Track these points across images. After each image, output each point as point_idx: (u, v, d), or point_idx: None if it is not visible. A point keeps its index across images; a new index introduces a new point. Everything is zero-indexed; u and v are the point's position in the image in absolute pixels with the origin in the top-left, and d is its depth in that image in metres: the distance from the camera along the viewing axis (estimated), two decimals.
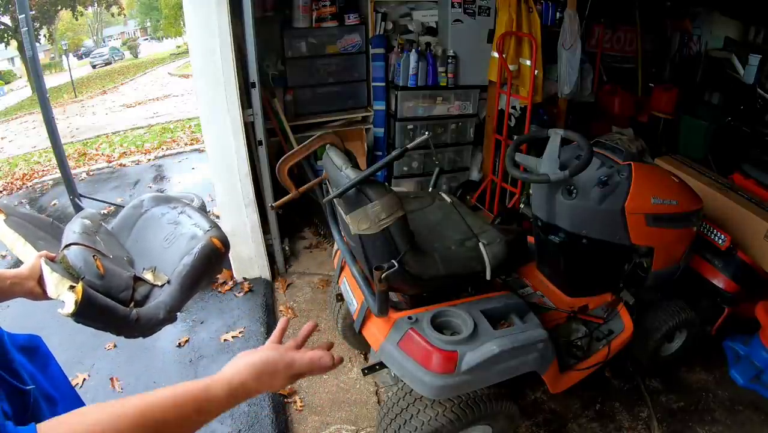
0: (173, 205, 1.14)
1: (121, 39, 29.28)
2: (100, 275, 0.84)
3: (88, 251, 0.89)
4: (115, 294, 0.85)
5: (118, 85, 14.47)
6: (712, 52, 3.83)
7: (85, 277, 0.83)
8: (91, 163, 5.69)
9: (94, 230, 1.04)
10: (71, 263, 0.85)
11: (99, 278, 0.84)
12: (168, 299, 0.90)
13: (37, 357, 0.83)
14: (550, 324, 1.76)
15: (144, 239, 1.10)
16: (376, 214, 1.30)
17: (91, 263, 0.86)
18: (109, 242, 1.05)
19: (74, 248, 0.88)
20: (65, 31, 22.02)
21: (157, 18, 24.83)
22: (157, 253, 1.04)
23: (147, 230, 1.11)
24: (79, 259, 0.86)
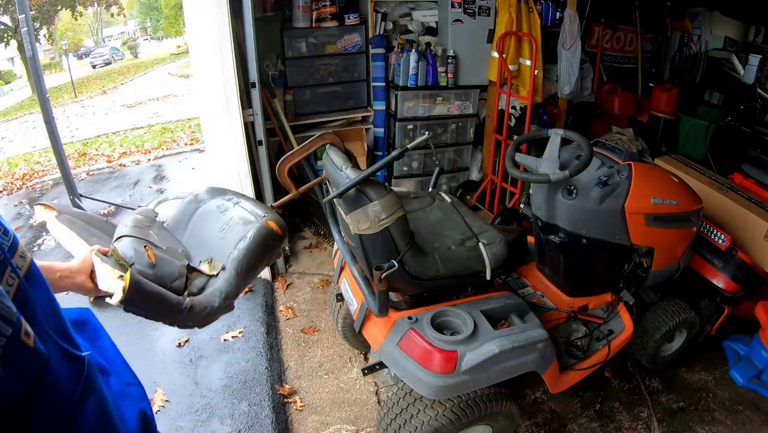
0: (228, 197, 1.12)
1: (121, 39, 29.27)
2: (151, 263, 0.83)
3: (139, 242, 0.88)
4: (167, 283, 0.84)
5: (118, 85, 14.46)
6: (712, 52, 3.83)
7: (135, 267, 0.82)
8: (91, 163, 5.68)
9: (147, 224, 1.04)
10: (121, 253, 0.84)
11: (150, 267, 0.83)
12: (224, 285, 0.87)
13: (87, 330, 0.85)
14: (550, 324, 1.76)
15: (200, 232, 1.08)
16: (376, 214, 1.30)
17: (141, 252, 0.85)
18: (163, 236, 1.04)
19: (125, 240, 0.88)
20: (65, 31, 22.01)
21: (157, 18, 24.84)
22: (214, 244, 1.01)
23: (203, 223, 1.09)
24: (129, 249, 0.85)
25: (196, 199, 1.14)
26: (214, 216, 1.08)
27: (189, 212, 1.12)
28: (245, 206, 1.07)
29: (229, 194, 1.14)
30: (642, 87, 3.78)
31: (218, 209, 1.09)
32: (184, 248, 1.04)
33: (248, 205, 1.07)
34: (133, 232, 0.93)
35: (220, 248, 0.98)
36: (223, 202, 1.10)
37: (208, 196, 1.13)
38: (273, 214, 1.02)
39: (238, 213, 1.05)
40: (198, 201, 1.13)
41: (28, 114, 11.11)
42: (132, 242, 0.88)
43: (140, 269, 0.82)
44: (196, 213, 1.11)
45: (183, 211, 1.13)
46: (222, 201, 1.11)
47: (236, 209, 1.07)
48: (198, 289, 0.90)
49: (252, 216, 1.02)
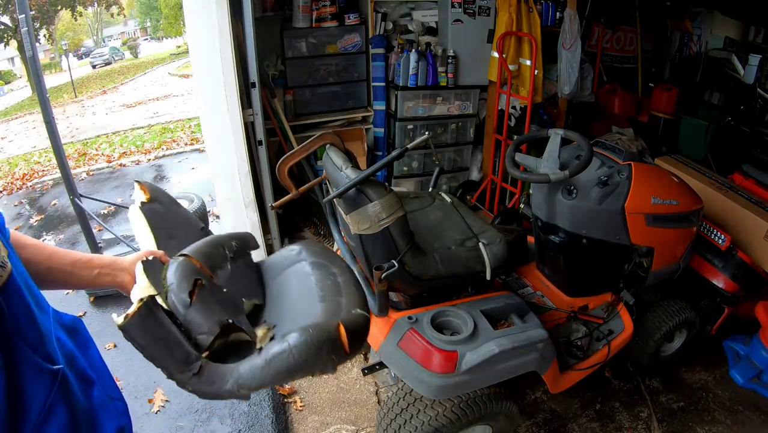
0: (330, 267, 0.90)
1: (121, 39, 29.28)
2: (187, 303, 0.70)
3: (195, 271, 0.74)
4: (193, 331, 0.70)
5: (118, 85, 14.47)
6: (712, 52, 3.83)
7: (170, 297, 0.71)
8: (91, 163, 5.69)
9: (232, 254, 0.88)
10: (167, 274, 0.73)
11: (184, 305, 0.70)
12: (245, 372, 0.68)
13: (78, 338, 0.80)
14: (550, 324, 1.76)
15: (285, 290, 0.90)
16: (376, 214, 1.31)
17: (186, 285, 0.71)
18: (241, 276, 0.88)
19: (183, 261, 0.75)
20: (65, 31, 22.00)
21: (157, 18, 24.83)
22: (289, 312, 0.84)
23: (290, 282, 0.91)
24: (176, 274, 0.73)
25: (299, 252, 0.95)
26: (304, 281, 0.88)
27: (286, 262, 0.95)
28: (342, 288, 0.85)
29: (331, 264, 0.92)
30: (642, 87, 3.78)
31: (312, 276, 0.89)
32: (259, 300, 0.88)
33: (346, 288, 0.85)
34: (202, 255, 0.79)
35: (290, 322, 0.80)
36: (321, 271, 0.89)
37: (310, 257, 0.93)
38: (358, 316, 0.78)
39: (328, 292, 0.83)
40: (299, 255, 0.95)
41: (28, 114, 11.11)
42: (186, 266, 0.74)
43: (172, 301, 0.71)
44: (291, 268, 0.93)
45: (282, 259, 0.97)
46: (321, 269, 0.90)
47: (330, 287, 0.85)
48: (233, 348, 0.74)
49: (336, 306, 0.79)
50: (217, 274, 0.81)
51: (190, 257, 0.77)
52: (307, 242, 0.99)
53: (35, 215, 4.17)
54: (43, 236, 3.72)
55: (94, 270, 0.78)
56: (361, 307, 0.80)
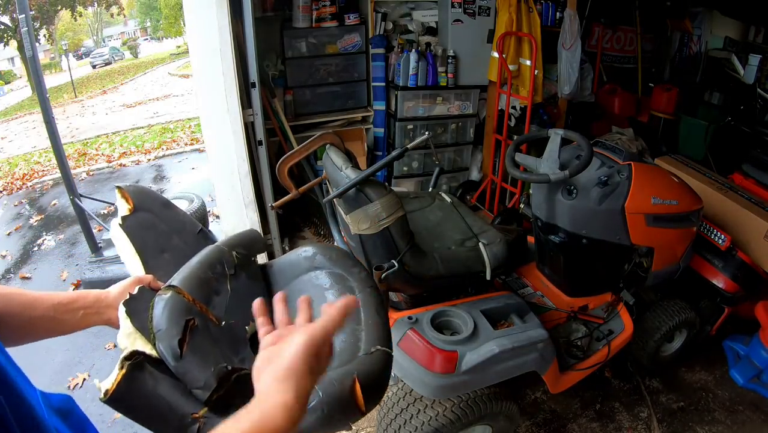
0: (349, 283, 0.79)
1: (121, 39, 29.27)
2: (177, 354, 0.59)
3: (187, 309, 0.63)
4: (189, 384, 0.60)
5: (118, 85, 14.47)
6: (712, 52, 3.83)
7: (158, 346, 0.60)
8: (91, 163, 5.69)
9: (232, 270, 0.75)
10: (154, 318, 0.62)
11: (174, 357, 0.59)
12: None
13: (72, 419, 0.68)
14: (550, 324, 1.76)
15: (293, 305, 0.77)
16: (376, 214, 1.30)
17: (176, 331, 0.60)
18: (244, 293, 0.75)
19: (170, 299, 0.64)
20: (65, 31, 21.99)
21: (157, 18, 24.83)
22: None
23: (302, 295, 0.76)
24: (165, 317, 0.61)
25: (313, 257, 0.84)
26: (319, 297, 0.78)
27: (299, 269, 0.84)
28: (362, 315, 0.73)
29: (352, 278, 0.80)
30: (642, 87, 3.78)
31: (328, 291, 0.79)
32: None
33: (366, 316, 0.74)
34: (195, 283, 0.68)
35: None
36: (339, 287, 0.79)
37: (326, 265, 0.82)
38: (376, 363, 0.67)
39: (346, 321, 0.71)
40: (313, 261, 0.83)
41: (28, 114, 11.11)
42: (176, 306, 0.63)
43: (160, 350, 0.60)
44: (305, 276, 0.82)
45: (294, 263, 0.85)
46: (338, 285, 0.79)
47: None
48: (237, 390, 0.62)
49: (353, 341, 0.69)
50: (214, 302, 0.70)
51: (180, 289, 0.66)
52: (323, 247, 0.87)
53: (35, 215, 4.17)
54: (42, 235, 3.72)
55: (79, 312, 0.70)
56: (382, 341, 0.70)
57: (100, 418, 1.89)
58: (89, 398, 2.07)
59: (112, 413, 1.98)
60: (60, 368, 2.19)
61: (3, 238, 3.80)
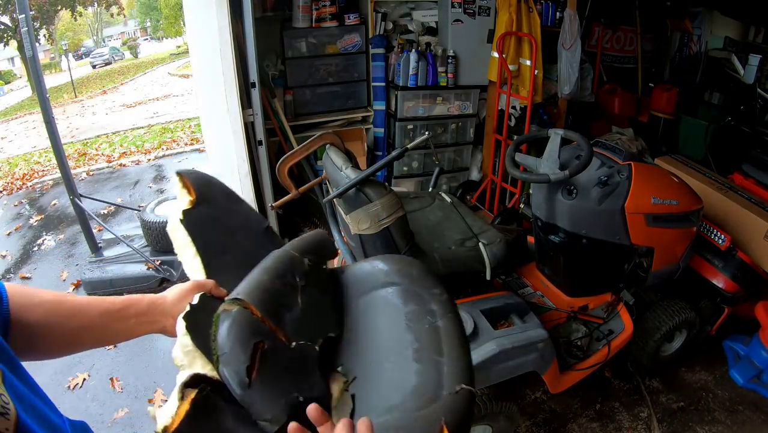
0: (428, 306, 0.70)
1: (121, 39, 29.25)
2: (245, 383, 0.52)
3: (256, 328, 0.55)
4: (253, 415, 0.52)
5: (118, 85, 14.46)
6: (712, 52, 3.83)
7: (222, 371, 0.53)
8: (91, 163, 5.69)
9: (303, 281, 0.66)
10: (219, 337, 0.54)
11: (241, 386, 0.52)
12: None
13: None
14: (550, 324, 1.76)
15: (368, 322, 0.70)
16: (376, 214, 1.30)
17: (244, 356, 0.52)
18: (315, 307, 0.67)
19: (238, 313, 0.55)
20: (65, 31, 21.98)
21: (157, 18, 24.82)
22: (370, 359, 0.64)
23: (377, 315, 0.70)
24: (232, 338, 0.54)
25: (389, 272, 0.74)
26: (394, 320, 0.68)
27: (374, 282, 0.74)
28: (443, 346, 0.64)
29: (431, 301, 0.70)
30: (642, 87, 3.78)
31: (405, 316, 0.68)
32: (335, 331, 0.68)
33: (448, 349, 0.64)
34: (265, 296, 0.60)
35: (369, 382, 0.62)
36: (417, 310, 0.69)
37: (403, 283, 0.72)
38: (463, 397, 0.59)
39: (424, 350, 0.63)
40: (389, 276, 0.74)
41: (28, 114, 11.10)
42: (244, 325, 0.55)
43: (225, 377, 0.53)
44: (380, 291, 0.72)
45: (369, 274, 0.75)
46: (416, 306, 0.69)
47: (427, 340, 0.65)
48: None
49: (435, 380, 0.60)
50: (284, 319, 0.61)
51: (248, 304, 0.57)
52: (402, 259, 0.76)
53: (35, 215, 4.17)
54: (43, 235, 3.72)
55: (130, 320, 0.64)
56: (466, 377, 0.61)
57: (99, 418, 1.89)
58: (89, 398, 2.08)
59: (113, 413, 1.98)
60: (60, 367, 2.19)
61: (3, 238, 3.80)
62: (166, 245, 2.73)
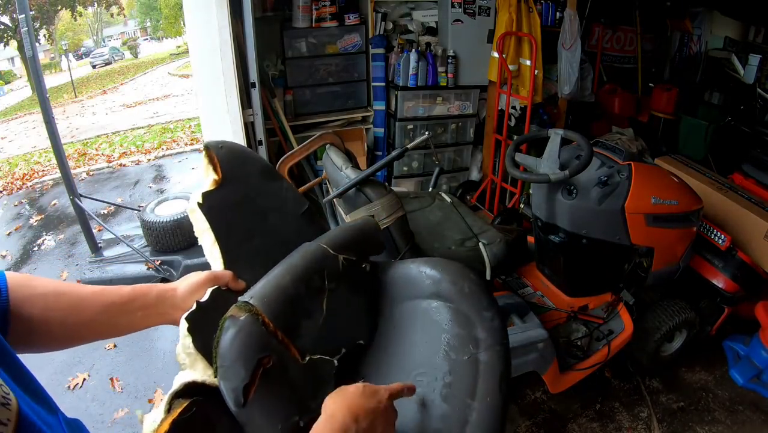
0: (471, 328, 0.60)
1: (121, 39, 29.25)
2: (240, 401, 0.48)
3: (262, 342, 0.50)
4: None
5: (118, 85, 14.46)
6: (712, 52, 3.83)
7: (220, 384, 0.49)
8: (91, 163, 5.69)
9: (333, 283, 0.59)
10: (222, 345, 0.50)
11: (237, 404, 0.49)
12: None
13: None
14: (550, 324, 1.76)
15: (405, 335, 0.63)
16: (377, 215, 1.30)
17: (244, 372, 0.48)
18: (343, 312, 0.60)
19: (246, 321, 0.50)
20: (65, 31, 21.98)
21: (157, 18, 24.82)
22: (400, 379, 0.57)
23: (416, 329, 0.63)
24: (234, 350, 0.49)
25: (438, 282, 0.64)
26: (434, 335, 0.61)
27: (418, 290, 0.65)
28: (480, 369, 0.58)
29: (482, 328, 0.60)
30: (642, 87, 3.78)
31: (446, 331, 0.61)
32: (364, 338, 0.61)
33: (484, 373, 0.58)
34: (281, 302, 0.54)
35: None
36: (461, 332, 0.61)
37: (453, 296, 0.62)
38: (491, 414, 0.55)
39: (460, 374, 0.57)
40: (437, 287, 0.64)
41: (28, 114, 11.10)
42: (250, 336, 0.50)
43: (223, 390, 0.50)
44: (423, 303, 0.64)
45: (414, 280, 0.65)
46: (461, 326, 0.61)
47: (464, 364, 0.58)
48: None
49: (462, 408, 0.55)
50: (301, 329, 0.55)
51: (259, 311, 0.51)
52: (454, 270, 0.65)
53: (35, 215, 4.17)
54: (43, 235, 3.72)
55: (137, 313, 0.61)
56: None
57: (99, 418, 1.89)
58: (89, 398, 2.08)
59: (112, 413, 1.98)
60: (60, 367, 2.19)
61: (3, 238, 3.80)
62: (166, 245, 2.74)
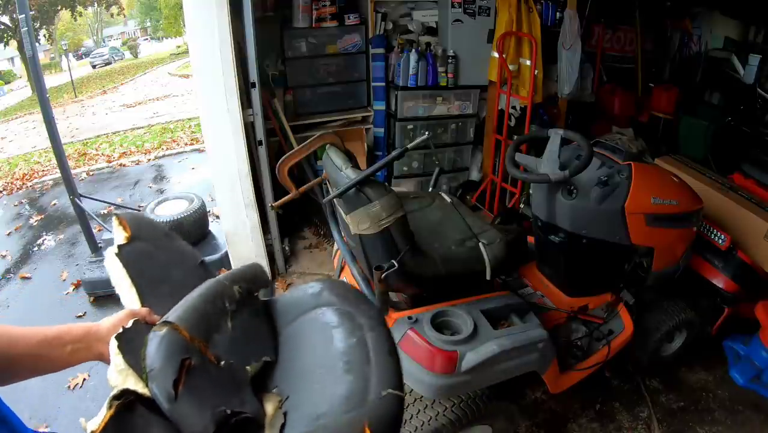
0: (357, 320, 0.75)
1: (121, 39, 29.25)
2: (171, 396, 0.55)
3: (183, 348, 0.59)
4: (183, 429, 0.56)
5: (118, 85, 14.46)
6: (712, 52, 3.83)
7: (152, 387, 0.56)
8: (91, 163, 5.69)
9: (233, 306, 0.71)
10: (148, 355, 0.58)
11: (169, 399, 0.55)
12: None
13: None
14: (550, 324, 1.76)
15: (301, 343, 0.76)
16: (376, 214, 1.30)
17: (171, 371, 0.56)
18: (246, 331, 0.72)
19: (167, 333, 0.59)
20: (65, 31, 21.99)
21: (157, 18, 24.84)
22: (304, 377, 0.70)
23: (309, 335, 0.77)
24: (159, 355, 0.57)
25: (319, 294, 0.81)
26: (325, 337, 0.74)
27: (304, 306, 0.80)
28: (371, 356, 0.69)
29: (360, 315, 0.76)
30: (642, 87, 3.78)
31: (335, 330, 0.74)
32: (270, 355, 0.72)
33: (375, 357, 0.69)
34: (194, 320, 0.63)
35: (303, 396, 0.67)
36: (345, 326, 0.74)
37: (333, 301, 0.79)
38: (389, 401, 0.66)
39: (353, 362, 0.69)
40: (319, 298, 0.80)
41: (28, 114, 11.10)
42: (172, 343, 0.59)
43: (153, 392, 0.56)
44: (311, 313, 0.79)
45: (298, 300, 0.82)
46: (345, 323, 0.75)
47: (356, 353, 0.70)
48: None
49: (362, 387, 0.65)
50: (214, 340, 0.66)
51: (177, 325, 0.61)
52: (330, 282, 0.84)
53: (35, 215, 4.17)
54: (43, 235, 3.72)
55: (67, 347, 0.66)
56: (393, 384, 0.67)
57: None
58: (89, 398, 2.08)
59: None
60: None
61: (3, 238, 3.80)
62: None
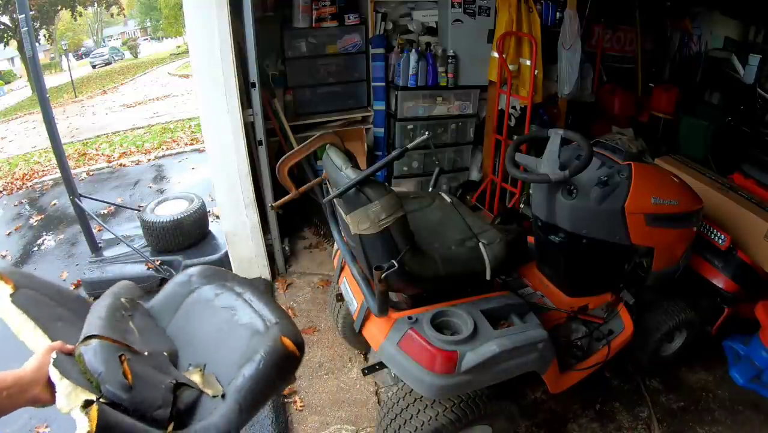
0: (229, 285, 0.90)
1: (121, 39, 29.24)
2: (126, 385, 0.64)
3: (114, 348, 0.68)
4: (147, 410, 0.64)
5: (118, 85, 14.45)
6: (712, 52, 3.83)
7: (106, 388, 0.63)
8: (91, 163, 5.68)
9: (128, 312, 0.83)
10: (89, 365, 0.65)
11: (125, 389, 0.63)
12: (222, 423, 0.68)
13: None
14: (550, 324, 1.76)
15: (191, 324, 0.87)
16: (376, 214, 1.30)
17: (115, 367, 0.65)
18: (146, 329, 0.83)
19: (95, 343, 0.67)
20: (65, 31, 22.00)
21: (157, 18, 24.84)
22: (208, 347, 0.82)
23: (195, 314, 0.88)
24: (99, 361, 0.65)
25: (189, 281, 0.93)
26: (210, 308, 0.87)
27: (179, 296, 0.92)
28: (253, 304, 0.85)
29: (230, 281, 0.91)
30: (642, 87, 3.78)
31: (216, 299, 0.88)
32: (172, 345, 0.84)
33: (256, 303, 0.86)
34: (107, 329, 0.73)
35: (217, 357, 0.78)
36: (222, 292, 0.89)
37: (204, 281, 0.92)
38: (287, 323, 0.80)
39: (242, 313, 0.83)
40: (191, 284, 0.92)
41: (28, 114, 11.10)
42: (104, 348, 0.67)
43: (112, 392, 0.63)
44: (189, 299, 0.90)
45: (172, 294, 0.93)
46: (221, 290, 0.89)
47: (240, 307, 0.85)
48: (185, 405, 0.69)
49: (260, 322, 0.79)
50: (128, 340, 0.74)
51: (99, 335, 0.68)
52: (193, 269, 0.95)
53: (35, 215, 4.17)
54: (43, 235, 3.72)
55: (2, 393, 0.67)
56: (278, 315, 0.82)
57: None
58: None
59: None
60: None
61: (3, 238, 3.80)
62: (166, 245, 2.74)
